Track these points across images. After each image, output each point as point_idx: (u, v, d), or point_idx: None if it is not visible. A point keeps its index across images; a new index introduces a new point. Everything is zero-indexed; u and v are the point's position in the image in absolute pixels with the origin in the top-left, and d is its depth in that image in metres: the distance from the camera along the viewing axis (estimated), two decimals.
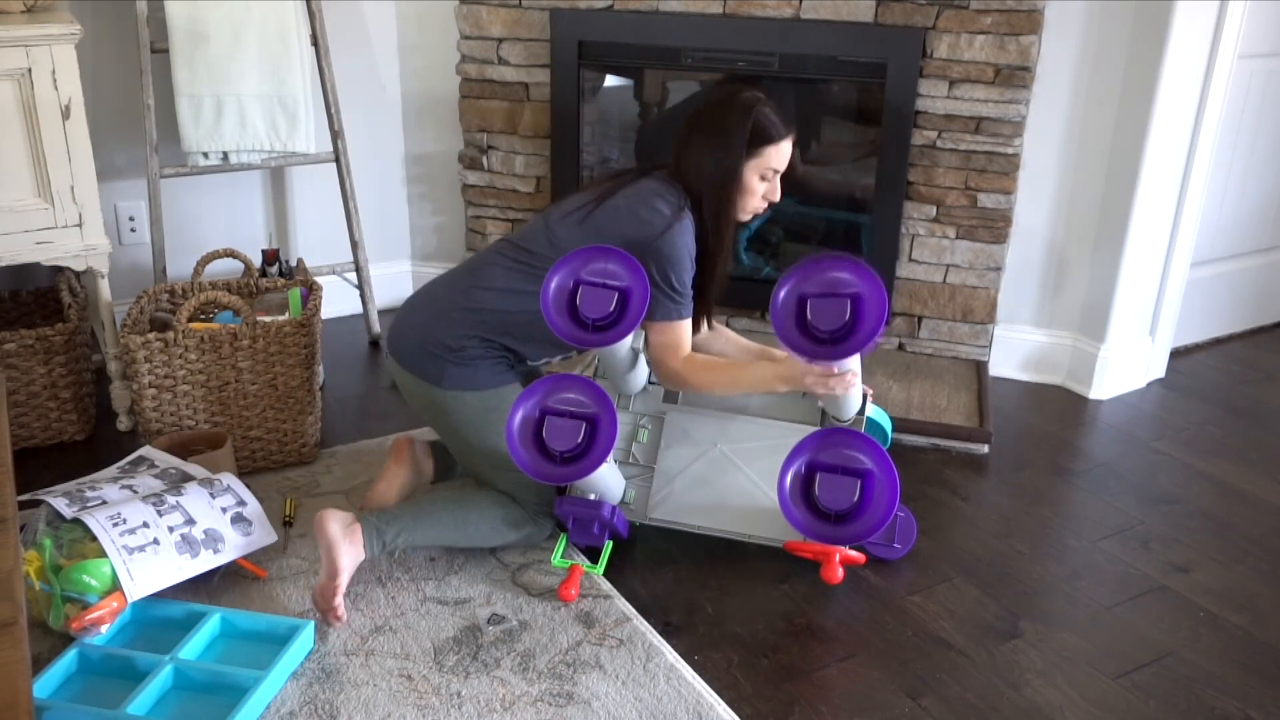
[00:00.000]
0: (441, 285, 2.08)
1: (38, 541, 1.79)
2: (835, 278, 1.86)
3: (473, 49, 2.98)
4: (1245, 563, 2.17)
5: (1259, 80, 2.91)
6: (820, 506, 1.88)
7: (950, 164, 2.74)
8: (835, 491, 1.87)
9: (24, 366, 2.35)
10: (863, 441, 1.90)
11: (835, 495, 1.87)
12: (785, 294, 1.87)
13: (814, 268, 1.87)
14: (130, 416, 2.53)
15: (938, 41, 2.64)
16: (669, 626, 1.92)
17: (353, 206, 2.96)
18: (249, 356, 2.29)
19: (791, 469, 1.91)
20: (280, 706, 1.67)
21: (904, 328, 2.93)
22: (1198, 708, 1.77)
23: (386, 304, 3.26)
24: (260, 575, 1.98)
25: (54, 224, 2.32)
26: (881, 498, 1.87)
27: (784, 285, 1.87)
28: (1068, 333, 2.89)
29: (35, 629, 1.78)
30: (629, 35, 2.84)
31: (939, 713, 1.74)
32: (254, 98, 2.69)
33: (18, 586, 1.15)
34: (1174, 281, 2.87)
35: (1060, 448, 2.61)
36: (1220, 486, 2.46)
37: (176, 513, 1.89)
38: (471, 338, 1.98)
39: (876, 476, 1.88)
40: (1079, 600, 2.04)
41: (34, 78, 2.21)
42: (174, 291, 2.56)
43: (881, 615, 1.97)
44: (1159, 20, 2.54)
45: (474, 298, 2.00)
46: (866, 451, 1.90)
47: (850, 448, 1.90)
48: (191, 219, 2.95)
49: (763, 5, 2.73)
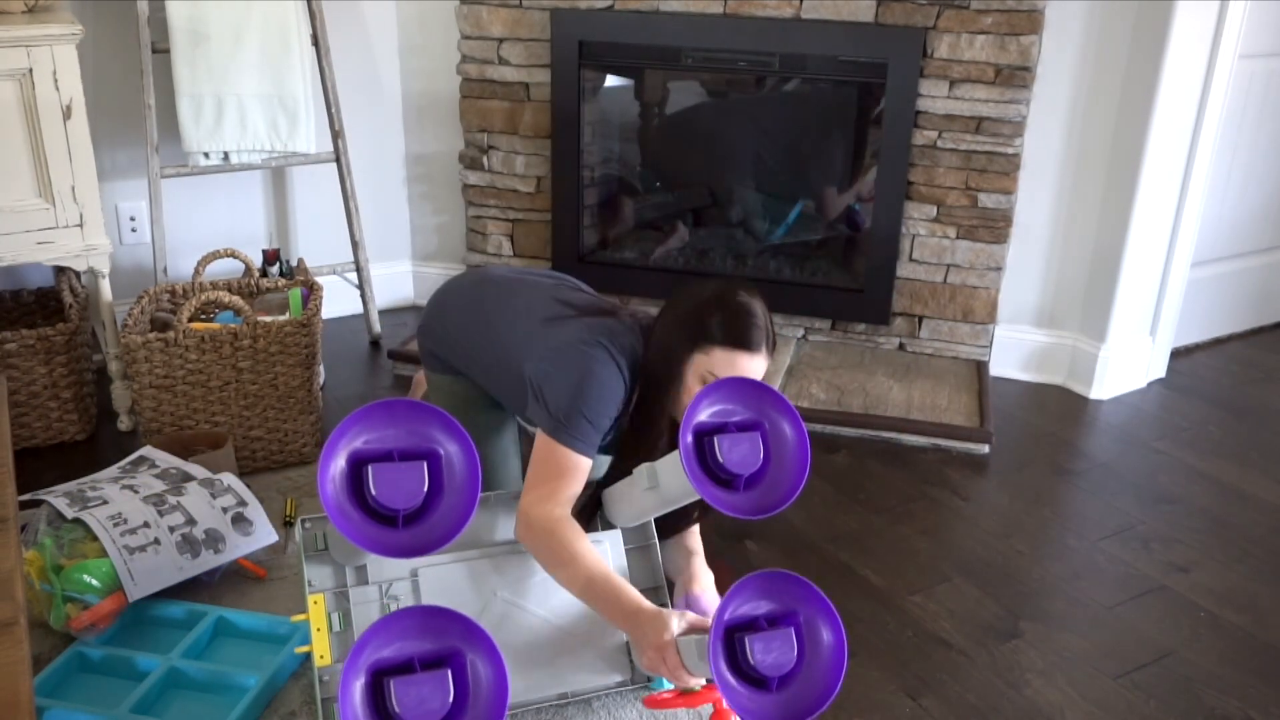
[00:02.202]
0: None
1: (38, 541, 1.80)
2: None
3: (473, 49, 2.98)
4: (1245, 563, 2.17)
5: (1259, 80, 2.91)
6: (750, 672, 1.41)
7: (950, 164, 2.74)
8: (771, 651, 1.41)
9: (25, 366, 2.36)
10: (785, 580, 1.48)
11: (772, 657, 1.41)
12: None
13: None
14: (131, 416, 2.53)
15: (938, 41, 2.64)
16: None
17: (353, 206, 2.96)
18: (249, 356, 2.29)
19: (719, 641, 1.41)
20: (280, 706, 1.67)
21: (904, 328, 2.93)
22: (1198, 708, 1.77)
23: (387, 304, 3.26)
24: (260, 575, 1.98)
25: (55, 224, 2.32)
26: (819, 643, 1.46)
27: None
28: (1068, 333, 2.89)
29: (35, 629, 1.78)
30: (629, 35, 2.84)
31: (939, 713, 1.74)
32: (254, 98, 2.69)
33: (18, 586, 1.15)
34: (1174, 281, 2.87)
35: (1060, 448, 2.61)
36: (1220, 486, 2.46)
37: (177, 513, 1.89)
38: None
39: (805, 617, 1.46)
40: (1079, 600, 2.04)
41: (35, 78, 2.21)
42: (174, 291, 2.56)
43: (881, 615, 1.97)
44: (1159, 20, 2.54)
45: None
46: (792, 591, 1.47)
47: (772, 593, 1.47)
48: (192, 219, 2.95)
49: (763, 5, 2.73)
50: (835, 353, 2.95)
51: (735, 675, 1.41)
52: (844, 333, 2.99)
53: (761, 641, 1.41)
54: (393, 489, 1.32)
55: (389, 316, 3.21)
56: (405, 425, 1.36)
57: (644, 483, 1.61)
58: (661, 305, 1.76)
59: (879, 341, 2.97)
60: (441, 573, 1.67)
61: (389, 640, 1.29)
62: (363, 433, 1.34)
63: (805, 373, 2.83)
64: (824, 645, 1.45)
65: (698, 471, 1.47)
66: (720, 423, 1.51)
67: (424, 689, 1.27)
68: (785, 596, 1.46)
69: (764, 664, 1.40)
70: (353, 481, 1.33)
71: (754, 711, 1.40)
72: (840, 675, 1.44)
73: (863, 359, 2.92)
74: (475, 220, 3.18)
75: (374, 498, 1.32)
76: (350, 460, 1.33)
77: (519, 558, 1.71)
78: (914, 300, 2.90)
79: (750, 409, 1.52)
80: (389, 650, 1.29)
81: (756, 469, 1.49)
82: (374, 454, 1.34)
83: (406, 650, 1.29)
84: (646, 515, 1.72)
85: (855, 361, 2.90)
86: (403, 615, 1.30)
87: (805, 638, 1.44)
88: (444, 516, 1.35)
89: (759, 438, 1.50)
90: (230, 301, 2.29)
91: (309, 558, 1.61)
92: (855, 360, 2.91)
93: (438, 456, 1.36)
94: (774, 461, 1.51)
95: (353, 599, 1.60)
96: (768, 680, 1.41)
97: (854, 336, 2.99)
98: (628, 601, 1.56)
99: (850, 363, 2.89)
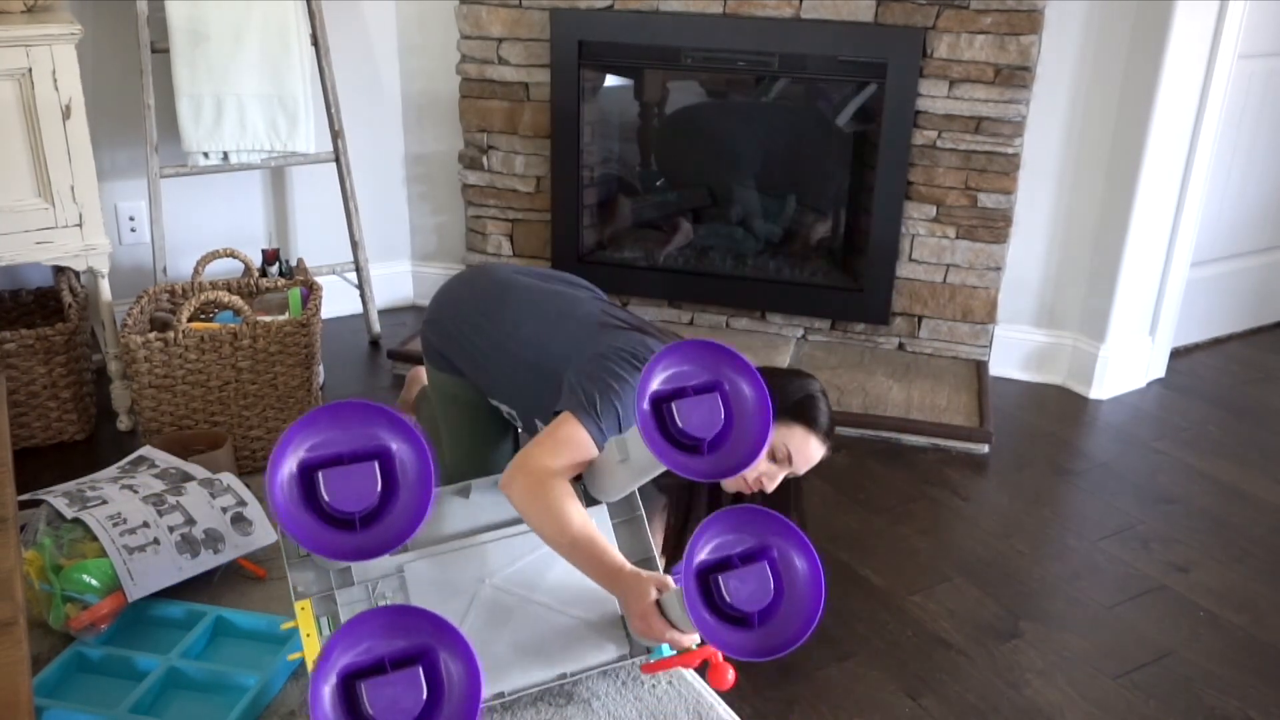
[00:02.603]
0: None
1: (38, 541, 1.79)
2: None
3: (473, 49, 2.98)
4: (1245, 563, 2.17)
5: (1259, 80, 2.91)
6: (729, 610, 1.41)
7: (950, 164, 2.74)
8: (746, 586, 1.41)
9: (24, 366, 2.35)
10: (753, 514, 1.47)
11: (747, 591, 1.41)
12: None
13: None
14: (130, 416, 2.53)
15: (938, 41, 2.64)
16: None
17: (353, 206, 2.96)
18: (249, 356, 2.29)
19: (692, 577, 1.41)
20: (280, 706, 1.67)
21: (904, 328, 2.93)
22: (1198, 708, 1.77)
23: (386, 304, 3.26)
24: (260, 575, 1.98)
25: (54, 224, 2.32)
26: (796, 581, 1.44)
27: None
28: (1068, 333, 2.89)
29: (35, 629, 1.78)
30: (629, 35, 2.84)
31: (939, 713, 1.74)
32: (254, 98, 2.69)
33: (18, 586, 1.15)
34: (1174, 281, 2.87)
35: (1060, 448, 2.61)
36: (1220, 486, 2.46)
37: (176, 513, 1.89)
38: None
39: (781, 552, 1.44)
40: (1079, 600, 2.04)
41: (34, 78, 2.21)
42: (174, 291, 2.56)
43: (881, 615, 1.97)
44: (1159, 20, 2.54)
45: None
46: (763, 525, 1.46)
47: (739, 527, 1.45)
48: (191, 219, 2.95)
49: (763, 5, 2.73)
50: (835, 353, 2.95)
51: (715, 616, 1.40)
52: (843, 333, 2.99)
53: (736, 579, 1.39)
54: (346, 492, 1.30)
55: (388, 316, 3.21)
56: (352, 427, 1.33)
57: (615, 455, 1.59)
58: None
59: (878, 341, 2.98)
60: (428, 565, 1.63)
61: (357, 642, 1.26)
62: (309, 438, 1.31)
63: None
64: (799, 575, 1.43)
65: (658, 439, 1.43)
66: (677, 387, 1.46)
67: (396, 689, 1.24)
68: (755, 530, 1.44)
69: (741, 600, 1.39)
70: (305, 489, 1.31)
71: (737, 647, 1.39)
72: (820, 602, 1.41)
73: (862, 359, 2.92)
74: (475, 220, 3.18)
75: (328, 503, 1.30)
76: (300, 468, 1.31)
77: (505, 544, 1.67)
78: (913, 300, 2.90)
79: (707, 370, 1.47)
80: (358, 653, 1.26)
81: (718, 431, 1.45)
82: (324, 459, 1.31)
83: (376, 651, 1.26)
84: (627, 488, 1.69)
85: (855, 361, 2.90)
86: (369, 616, 1.27)
87: (780, 570, 1.43)
88: (401, 513, 1.33)
89: (718, 398, 1.44)
90: (230, 301, 2.29)
91: (292, 564, 1.58)
92: (855, 360, 2.91)
93: (389, 454, 1.33)
94: (736, 422, 1.47)
95: (340, 601, 1.58)
96: (748, 616, 1.40)
97: (853, 336, 2.99)
98: (609, 562, 1.55)
99: (850, 363, 2.89)
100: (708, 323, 3.08)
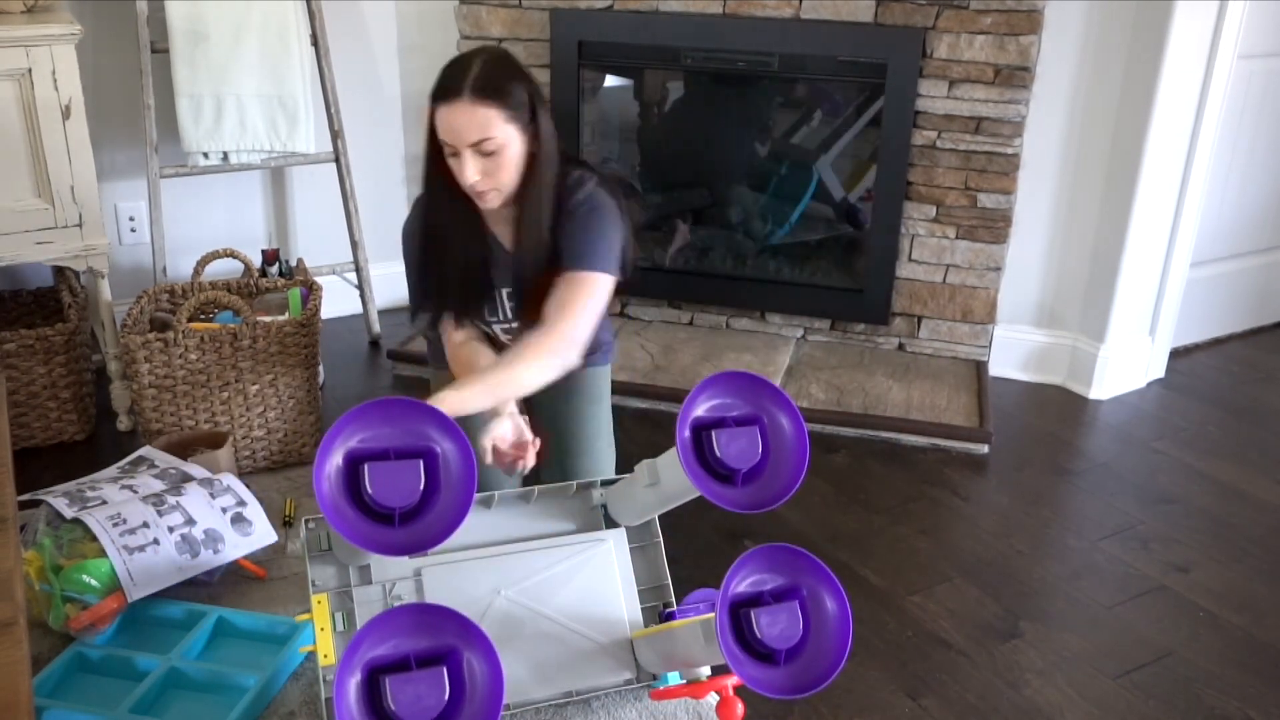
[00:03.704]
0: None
1: (38, 541, 1.80)
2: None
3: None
4: (1245, 563, 2.17)
5: (1259, 80, 2.91)
6: (757, 645, 1.41)
7: (950, 164, 2.74)
8: (778, 623, 1.42)
9: (24, 366, 2.35)
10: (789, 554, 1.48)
11: (779, 628, 1.42)
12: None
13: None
14: (130, 416, 2.53)
15: (938, 41, 2.64)
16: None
17: (353, 206, 2.96)
18: (249, 356, 2.29)
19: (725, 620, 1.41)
20: (280, 706, 1.67)
21: (904, 328, 2.93)
22: (1198, 708, 1.77)
23: (386, 304, 3.25)
24: (260, 575, 1.98)
25: (54, 224, 2.32)
26: (824, 615, 1.45)
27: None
28: (1067, 333, 2.89)
29: (35, 629, 1.78)
30: (629, 35, 2.84)
31: (939, 713, 1.74)
32: (254, 98, 2.69)
33: (18, 586, 1.15)
34: (1174, 281, 2.87)
35: (1060, 448, 2.61)
36: (1220, 486, 2.46)
37: (176, 513, 1.89)
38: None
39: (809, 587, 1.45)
40: (1079, 600, 2.04)
41: (34, 78, 2.21)
42: (174, 291, 2.55)
43: (881, 615, 1.97)
44: (1159, 20, 2.54)
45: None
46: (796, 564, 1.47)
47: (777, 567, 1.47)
48: (191, 219, 2.95)
49: (763, 5, 2.73)
50: (835, 353, 2.95)
51: (742, 650, 1.42)
52: (843, 333, 2.99)
53: (767, 615, 1.41)
54: (389, 487, 1.31)
55: (388, 316, 3.21)
56: (401, 424, 1.35)
57: (644, 479, 1.61)
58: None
59: (878, 341, 2.98)
60: (445, 572, 1.66)
61: (385, 638, 1.28)
62: (358, 431, 1.33)
63: (805, 373, 2.83)
64: (829, 616, 1.45)
65: (695, 467, 1.47)
66: (718, 417, 1.50)
67: (420, 687, 1.27)
68: (788, 570, 1.46)
69: (770, 637, 1.40)
70: (349, 480, 1.32)
71: (763, 684, 1.40)
72: (847, 645, 1.43)
73: (862, 359, 2.92)
74: None
75: (370, 496, 1.31)
76: (346, 459, 1.32)
77: (523, 558, 1.69)
78: (913, 300, 2.90)
79: (748, 403, 1.52)
80: (385, 648, 1.28)
81: (755, 463, 1.48)
82: (370, 453, 1.33)
83: (403, 648, 1.29)
84: (650, 513, 1.72)
85: (855, 361, 2.90)
86: (399, 613, 1.29)
87: (810, 610, 1.45)
88: (440, 514, 1.34)
89: (757, 432, 1.49)
90: (230, 301, 2.29)
91: (313, 557, 1.61)
92: (855, 360, 2.91)
93: (434, 454, 1.35)
94: (772, 456, 1.50)
95: (356, 599, 1.60)
96: (775, 653, 1.42)
97: (853, 336, 2.99)
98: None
99: (850, 363, 2.89)
100: (708, 323, 3.08)
